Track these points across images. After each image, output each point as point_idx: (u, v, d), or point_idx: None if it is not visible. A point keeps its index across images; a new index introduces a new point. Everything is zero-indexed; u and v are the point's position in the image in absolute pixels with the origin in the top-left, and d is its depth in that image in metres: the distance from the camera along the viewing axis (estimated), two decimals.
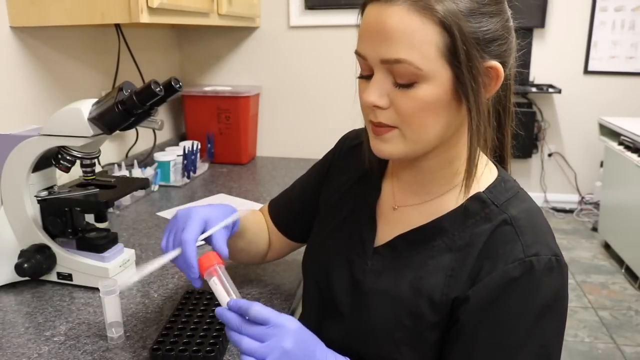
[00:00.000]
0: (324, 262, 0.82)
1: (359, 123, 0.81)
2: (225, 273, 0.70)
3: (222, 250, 0.73)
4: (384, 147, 0.68)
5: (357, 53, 0.67)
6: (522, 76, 3.77)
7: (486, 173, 0.73)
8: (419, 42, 0.61)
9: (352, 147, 0.89)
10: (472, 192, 0.71)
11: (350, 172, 0.86)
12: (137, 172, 1.58)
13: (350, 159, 0.88)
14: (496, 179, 0.73)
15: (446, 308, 0.68)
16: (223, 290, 0.69)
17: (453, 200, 0.72)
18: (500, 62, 0.65)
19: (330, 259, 0.81)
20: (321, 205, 0.90)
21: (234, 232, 0.81)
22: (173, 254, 0.72)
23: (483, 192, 0.71)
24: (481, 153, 0.71)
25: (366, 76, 0.67)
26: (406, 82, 0.63)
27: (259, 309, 0.64)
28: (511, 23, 0.67)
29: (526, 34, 3.70)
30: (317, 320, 0.80)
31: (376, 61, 0.64)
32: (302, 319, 0.81)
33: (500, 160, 0.79)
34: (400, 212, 0.77)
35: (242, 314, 0.65)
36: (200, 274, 0.71)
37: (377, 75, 0.65)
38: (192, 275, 0.71)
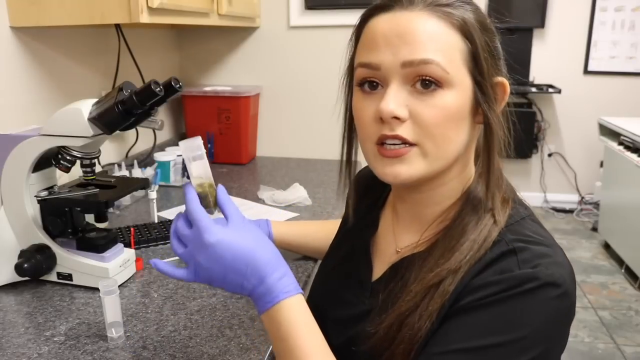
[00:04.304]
0: (322, 299, 0.79)
1: None
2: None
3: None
4: (403, 169, 0.62)
5: (365, 65, 0.63)
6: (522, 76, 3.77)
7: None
8: (444, 45, 0.60)
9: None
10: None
11: (359, 207, 0.83)
12: (137, 172, 1.58)
13: (360, 192, 0.84)
14: (512, 212, 0.65)
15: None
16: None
17: None
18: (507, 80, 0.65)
19: (329, 297, 0.78)
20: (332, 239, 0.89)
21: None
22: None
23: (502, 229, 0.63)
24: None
25: (370, 85, 0.63)
26: (429, 87, 0.60)
27: (192, 208, 0.62)
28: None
29: (526, 34, 3.71)
30: None
31: (396, 66, 0.60)
32: None
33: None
34: (403, 254, 0.72)
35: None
36: None
37: (394, 84, 0.61)
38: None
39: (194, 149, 0.67)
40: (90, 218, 1.08)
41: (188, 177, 0.69)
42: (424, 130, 0.61)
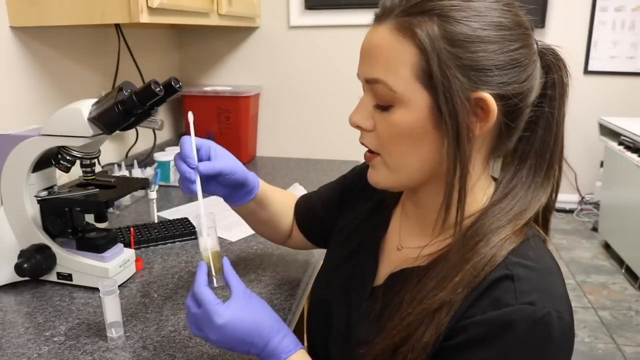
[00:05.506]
0: (327, 294, 0.80)
1: None
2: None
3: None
4: (372, 174, 0.67)
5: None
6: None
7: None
8: (395, 62, 0.59)
9: None
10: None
11: (367, 203, 0.83)
12: (137, 172, 1.58)
13: (368, 188, 0.80)
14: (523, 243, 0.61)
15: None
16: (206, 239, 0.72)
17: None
18: (512, 94, 0.59)
19: (333, 293, 0.79)
20: (336, 232, 0.88)
21: (254, 194, 0.87)
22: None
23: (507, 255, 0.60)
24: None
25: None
26: (384, 104, 0.61)
27: (199, 291, 0.67)
28: (520, 52, 0.61)
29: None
30: (321, 343, 0.79)
31: (363, 81, 0.64)
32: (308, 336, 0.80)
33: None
34: (403, 253, 0.73)
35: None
36: None
37: (364, 97, 0.64)
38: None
39: (208, 223, 0.73)
40: (90, 218, 1.08)
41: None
42: (381, 143, 0.64)
